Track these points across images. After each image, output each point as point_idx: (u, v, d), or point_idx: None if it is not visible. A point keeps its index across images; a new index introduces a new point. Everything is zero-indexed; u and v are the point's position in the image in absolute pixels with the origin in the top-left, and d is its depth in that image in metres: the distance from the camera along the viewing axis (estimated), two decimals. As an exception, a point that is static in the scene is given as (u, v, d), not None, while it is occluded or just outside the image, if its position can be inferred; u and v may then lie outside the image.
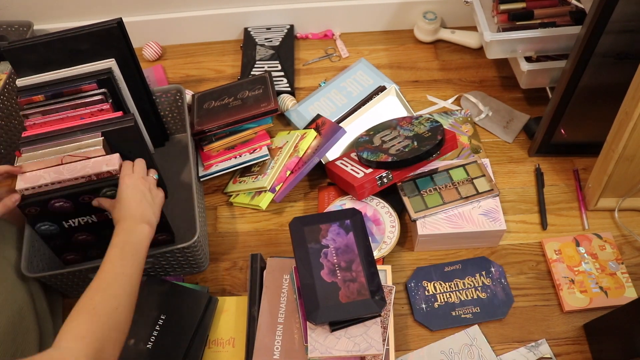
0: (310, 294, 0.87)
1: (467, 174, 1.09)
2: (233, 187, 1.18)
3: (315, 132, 1.17)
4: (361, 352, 0.84)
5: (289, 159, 1.13)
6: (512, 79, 1.32)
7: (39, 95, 0.99)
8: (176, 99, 1.22)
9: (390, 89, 1.24)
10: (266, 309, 0.92)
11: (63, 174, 0.91)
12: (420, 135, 1.08)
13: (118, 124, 0.95)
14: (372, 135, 1.14)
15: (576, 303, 1.00)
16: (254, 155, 1.15)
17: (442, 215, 1.04)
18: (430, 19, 1.41)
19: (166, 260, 0.99)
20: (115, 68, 1.03)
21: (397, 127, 1.14)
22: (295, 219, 0.95)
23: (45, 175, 0.91)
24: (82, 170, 0.91)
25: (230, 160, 1.16)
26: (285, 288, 0.94)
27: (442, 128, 1.07)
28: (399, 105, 1.25)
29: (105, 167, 0.91)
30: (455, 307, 1.01)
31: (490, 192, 1.06)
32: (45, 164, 0.92)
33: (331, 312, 0.85)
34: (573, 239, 1.08)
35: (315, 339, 0.86)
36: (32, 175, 0.91)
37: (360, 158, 1.09)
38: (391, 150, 1.07)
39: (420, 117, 1.15)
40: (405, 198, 1.06)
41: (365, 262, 0.90)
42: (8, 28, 1.34)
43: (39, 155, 0.93)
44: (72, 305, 0.73)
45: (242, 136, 1.18)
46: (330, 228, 0.95)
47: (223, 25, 1.47)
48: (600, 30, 0.94)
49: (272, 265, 0.97)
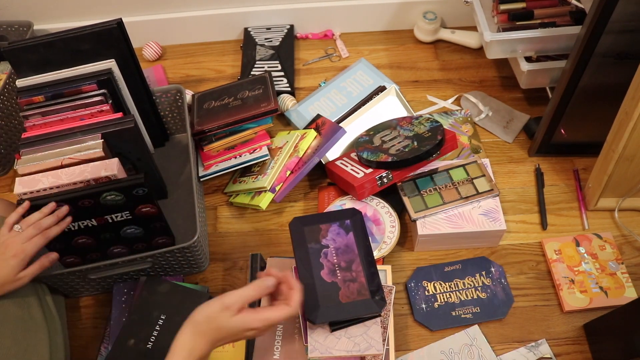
0: (311, 294, 0.86)
1: (467, 174, 1.09)
2: (233, 187, 1.18)
3: (315, 132, 1.17)
4: (361, 352, 0.84)
5: (289, 159, 1.13)
6: (512, 79, 1.32)
7: (39, 96, 0.99)
8: (176, 99, 1.22)
9: (390, 89, 1.24)
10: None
11: (61, 179, 0.91)
12: (420, 135, 1.08)
13: (118, 125, 0.95)
14: (372, 135, 1.14)
15: (576, 303, 1.00)
16: (254, 155, 1.15)
17: (442, 215, 1.04)
18: (430, 19, 1.41)
19: (166, 260, 0.99)
20: (115, 68, 1.03)
21: (397, 127, 1.14)
22: (295, 219, 0.96)
23: (44, 179, 0.91)
24: (80, 175, 0.91)
25: (230, 160, 1.16)
26: None
27: (442, 128, 1.07)
28: (399, 105, 1.25)
29: (104, 172, 0.91)
30: (455, 307, 1.01)
31: (490, 192, 1.06)
32: (45, 167, 0.92)
33: (331, 312, 0.85)
34: (573, 239, 1.08)
35: (315, 339, 0.86)
36: (30, 179, 0.91)
37: (360, 158, 1.09)
38: (391, 150, 1.07)
39: (420, 117, 1.15)
40: (405, 198, 1.06)
41: (365, 262, 0.90)
42: (8, 28, 1.34)
43: (38, 158, 0.93)
44: (73, 305, 0.73)
45: (242, 136, 1.18)
46: (330, 228, 0.95)
47: (223, 25, 1.47)
48: (600, 30, 0.94)
49: (272, 265, 0.97)
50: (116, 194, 0.90)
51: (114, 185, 0.89)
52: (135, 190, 0.90)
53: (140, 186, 0.90)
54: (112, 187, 0.89)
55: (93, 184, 0.91)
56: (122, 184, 0.89)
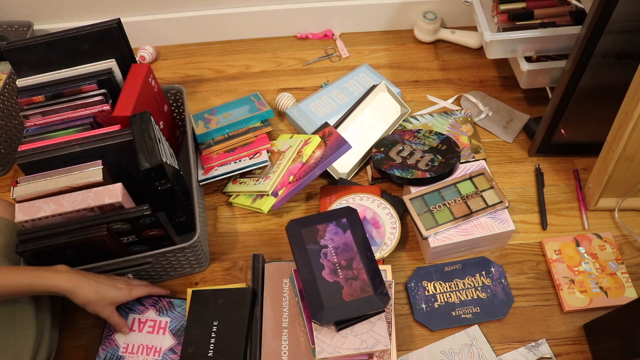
0: (314, 295, 0.87)
1: (475, 187, 1.07)
2: (233, 187, 1.18)
3: (320, 138, 1.16)
4: (369, 349, 0.85)
5: (293, 163, 1.13)
6: (512, 79, 1.32)
7: (39, 96, 0.99)
8: (176, 99, 1.22)
9: (380, 85, 1.24)
10: (269, 315, 0.92)
11: (63, 206, 0.88)
12: (437, 149, 1.12)
13: (117, 139, 0.94)
14: (387, 152, 1.14)
15: (576, 303, 1.00)
16: (253, 160, 1.15)
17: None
18: (430, 19, 1.41)
19: (166, 260, 0.99)
20: (116, 68, 1.03)
21: (406, 142, 1.15)
22: (291, 221, 0.95)
23: (45, 206, 0.88)
24: (83, 202, 0.88)
25: (230, 165, 1.16)
26: (286, 292, 0.94)
27: (452, 139, 1.12)
28: (391, 100, 1.25)
29: (108, 199, 0.89)
30: (456, 307, 1.01)
31: (500, 205, 1.04)
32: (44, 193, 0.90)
33: (336, 312, 0.85)
34: (573, 239, 1.08)
35: (322, 339, 0.86)
36: (30, 206, 0.88)
37: (392, 176, 1.09)
38: (420, 166, 1.09)
39: (421, 131, 1.17)
40: (415, 216, 1.04)
41: (365, 259, 0.91)
42: (8, 28, 1.34)
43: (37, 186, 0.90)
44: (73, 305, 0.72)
45: (241, 140, 1.18)
46: (327, 228, 0.95)
47: (223, 25, 1.47)
48: (600, 30, 0.94)
49: (271, 270, 0.97)
50: (122, 223, 0.89)
51: (120, 217, 0.88)
52: (142, 219, 0.90)
53: (147, 217, 0.89)
54: (119, 219, 0.88)
55: (98, 213, 0.90)
56: (128, 214, 0.88)
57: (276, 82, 1.39)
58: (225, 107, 1.28)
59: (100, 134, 0.95)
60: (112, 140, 0.94)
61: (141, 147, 0.90)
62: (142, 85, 1.02)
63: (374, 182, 1.18)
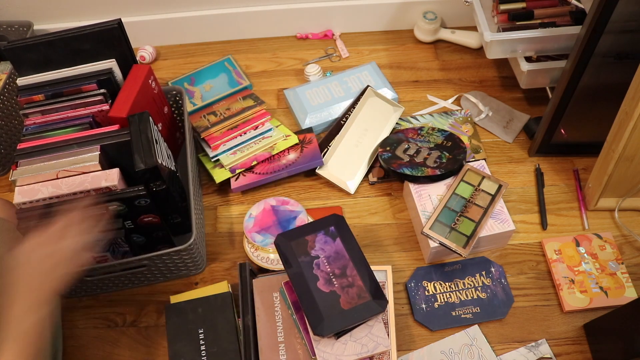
0: (312, 307, 0.85)
1: (472, 185, 1.07)
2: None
3: (297, 139, 1.19)
4: (370, 352, 0.84)
5: (263, 150, 1.17)
6: (512, 79, 1.32)
7: (39, 95, 0.99)
8: (176, 99, 1.22)
9: (368, 91, 1.26)
10: (264, 331, 0.90)
11: (61, 189, 0.89)
12: (443, 146, 1.13)
13: (115, 138, 0.94)
14: (393, 150, 1.14)
15: (576, 303, 1.00)
16: (259, 130, 1.19)
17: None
18: (430, 19, 1.41)
19: (162, 262, 0.98)
20: (116, 68, 1.03)
21: (410, 139, 1.16)
22: (279, 235, 0.93)
23: (43, 189, 0.90)
24: (80, 185, 0.90)
25: (236, 139, 1.19)
26: (277, 306, 0.93)
27: (455, 135, 1.14)
28: (381, 102, 1.26)
29: (104, 182, 0.90)
30: (455, 307, 1.01)
31: (502, 188, 1.06)
32: (42, 178, 0.91)
33: (337, 322, 0.84)
34: (573, 239, 1.08)
35: (322, 349, 0.85)
36: (29, 189, 0.90)
37: (402, 175, 1.09)
38: (429, 163, 1.09)
39: (423, 128, 1.18)
40: (444, 241, 1.01)
41: (358, 264, 0.89)
42: (8, 28, 1.34)
43: (34, 169, 0.92)
44: (73, 305, 0.72)
45: (240, 118, 1.21)
46: (316, 238, 0.93)
47: (223, 25, 1.47)
48: (600, 30, 0.94)
49: (259, 286, 0.95)
50: (118, 204, 0.90)
51: (115, 196, 0.89)
52: (137, 200, 0.90)
53: (142, 197, 0.90)
54: (114, 198, 0.89)
55: (94, 194, 0.90)
56: (124, 194, 0.89)
57: (276, 82, 1.39)
58: (201, 75, 1.38)
59: (98, 133, 0.96)
60: (110, 139, 0.94)
61: (137, 147, 0.91)
62: (141, 87, 1.02)
63: (374, 183, 1.18)
